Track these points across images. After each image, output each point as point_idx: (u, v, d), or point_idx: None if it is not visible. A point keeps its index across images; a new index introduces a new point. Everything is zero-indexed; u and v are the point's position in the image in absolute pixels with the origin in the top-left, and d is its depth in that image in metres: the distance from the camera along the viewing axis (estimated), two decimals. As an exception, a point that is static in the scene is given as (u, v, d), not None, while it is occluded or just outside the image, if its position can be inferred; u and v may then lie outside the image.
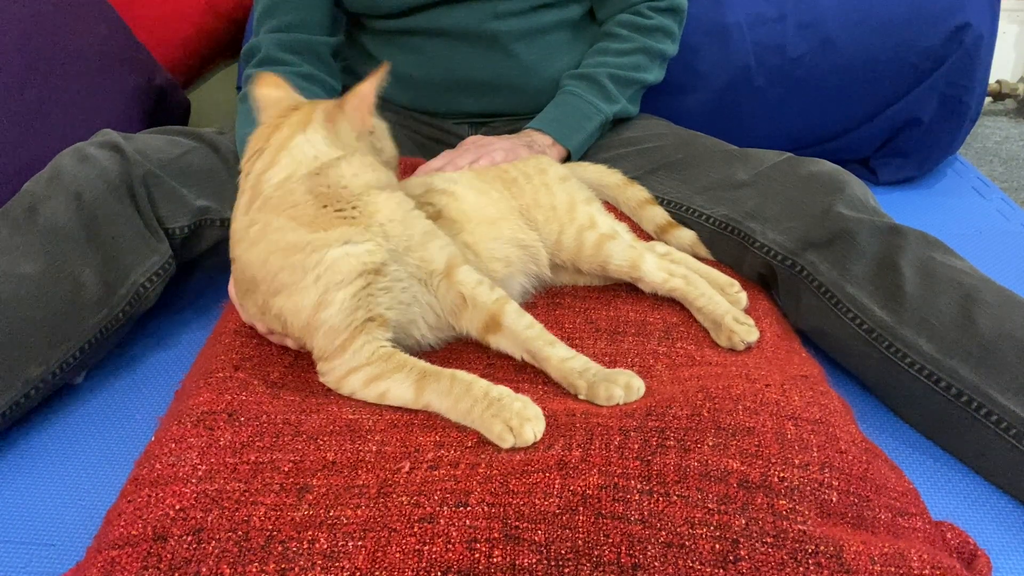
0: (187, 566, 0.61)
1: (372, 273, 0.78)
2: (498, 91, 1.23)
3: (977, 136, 2.13)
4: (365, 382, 0.78)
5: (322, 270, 0.77)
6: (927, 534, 0.68)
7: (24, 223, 0.95)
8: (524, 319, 0.82)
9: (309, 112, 0.81)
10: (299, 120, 0.80)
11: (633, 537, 0.61)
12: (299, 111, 0.82)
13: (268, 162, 0.79)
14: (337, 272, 0.77)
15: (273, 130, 0.81)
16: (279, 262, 0.77)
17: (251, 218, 0.79)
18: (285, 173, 0.78)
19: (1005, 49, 2.31)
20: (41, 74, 1.25)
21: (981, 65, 1.41)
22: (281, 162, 0.79)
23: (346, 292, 0.77)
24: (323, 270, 0.77)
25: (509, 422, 0.70)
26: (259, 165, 0.80)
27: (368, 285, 0.78)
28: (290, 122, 0.80)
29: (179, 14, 1.64)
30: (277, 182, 0.78)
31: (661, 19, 1.24)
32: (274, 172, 0.79)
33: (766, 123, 1.47)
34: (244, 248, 0.80)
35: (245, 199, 0.81)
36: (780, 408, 0.72)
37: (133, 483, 0.69)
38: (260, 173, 0.79)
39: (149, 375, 1.05)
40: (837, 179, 1.00)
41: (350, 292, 0.77)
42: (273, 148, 0.79)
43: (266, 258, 0.78)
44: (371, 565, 0.61)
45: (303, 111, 0.81)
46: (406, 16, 1.18)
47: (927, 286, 0.88)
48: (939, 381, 0.84)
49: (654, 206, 1.09)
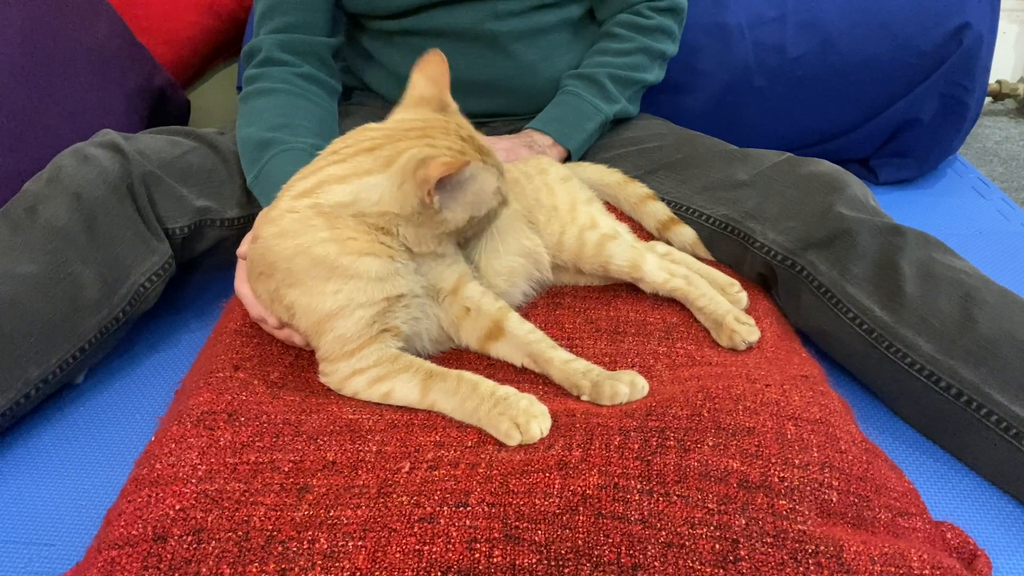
0: (187, 566, 0.61)
1: (395, 298, 0.79)
2: (498, 91, 1.23)
3: (977, 136, 2.13)
4: (369, 383, 0.78)
5: (346, 287, 0.77)
6: (927, 534, 0.68)
7: (24, 223, 0.95)
8: (526, 325, 0.84)
9: (400, 152, 0.76)
10: (387, 157, 0.77)
11: (633, 537, 0.61)
12: (398, 145, 0.77)
13: (340, 176, 0.78)
14: (361, 295, 0.77)
15: (368, 149, 0.78)
16: (304, 265, 0.77)
17: (295, 206, 0.78)
18: (346, 199, 0.77)
19: (1005, 49, 2.30)
20: (41, 74, 1.25)
21: (981, 65, 1.41)
22: (349, 187, 0.77)
23: (366, 312, 0.77)
24: (347, 287, 0.77)
25: (516, 419, 0.70)
26: (332, 171, 0.78)
27: (389, 306, 0.79)
28: (380, 154, 0.77)
29: (179, 14, 1.64)
30: (335, 202, 0.77)
31: (661, 19, 1.24)
32: (338, 190, 0.77)
33: (766, 123, 1.47)
34: (274, 233, 0.79)
35: (301, 187, 0.79)
36: (780, 408, 0.72)
37: (133, 483, 0.69)
38: (327, 180, 0.78)
39: (149, 375, 1.05)
40: (837, 179, 1.00)
41: (370, 312, 0.78)
42: (352, 168, 0.77)
43: (292, 256, 0.78)
44: (371, 565, 0.61)
45: (400, 147, 0.77)
46: (406, 17, 1.18)
47: (927, 286, 0.88)
48: (939, 381, 0.84)
49: (655, 202, 1.09)
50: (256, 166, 1.04)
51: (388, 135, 0.79)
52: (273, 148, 1.02)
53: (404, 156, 0.76)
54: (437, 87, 0.85)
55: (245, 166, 1.07)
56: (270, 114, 1.07)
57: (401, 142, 0.78)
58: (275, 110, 1.08)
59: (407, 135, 0.79)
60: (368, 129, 0.81)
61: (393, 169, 0.76)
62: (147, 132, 1.13)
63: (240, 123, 1.10)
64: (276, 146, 1.03)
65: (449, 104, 0.85)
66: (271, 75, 1.12)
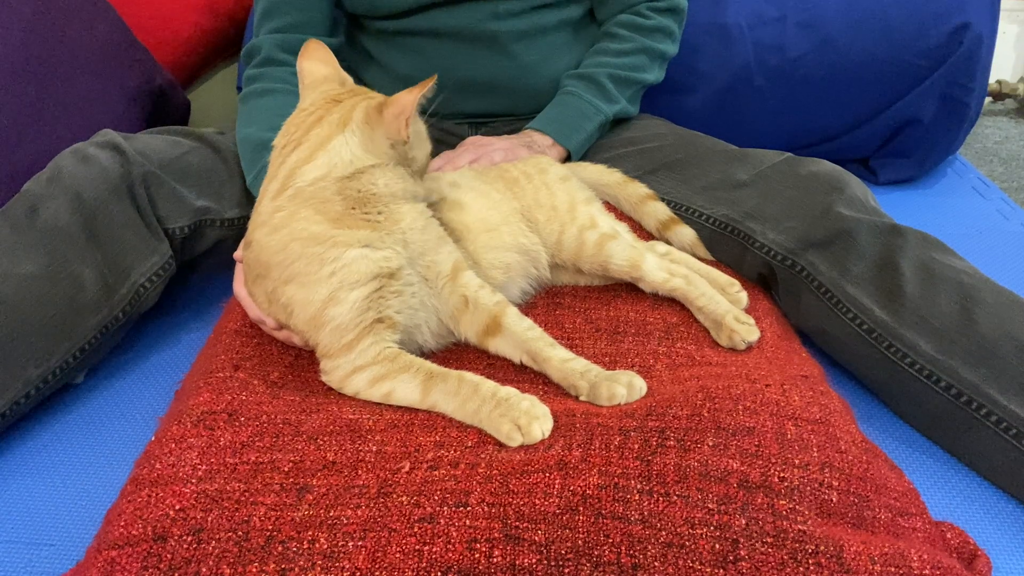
0: (187, 566, 0.61)
1: (387, 277, 0.79)
2: (498, 91, 1.23)
3: (977, 136, 2.13)
4: (370, 382, 0.78)
5: (338, 267, 0.77)
6: (927, 534, 0.68)
7: (24, 223, 0.95)
8: (525, 321, 0.83)
9: (349, 111, 0.80)
10: (339, 119, 0.80)
11: (633, 537, 0.61)
12: (340, 106, 0.81)
13: (305, 157, 0.80)
14: (353, 272, 0.77)
15: (314, 123, 0.81)
16: (298, 250, 0.78)
17: (278, 204, 0.80)
18: (321, 172, 0.79)
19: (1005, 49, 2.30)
20: (41, 74, 1.25)
21: (981, 65, 1.41)
22: (318, 160, 0.79)
23: (359, 292, 0.78)
24: (339, 267, 0.77)
25: (517, 421, 0.70)
26: (296, 157, 0.80)
27: (381, 288, 0.79)
28: (330, 120, 0.80)
29: (179, 14, 1.64)
30: (312, 179, 0.79)
31: (661, 19, 1.24)
32: (310, 168, 0.79)
33: (766, 123, 1.47)
34: (265, 232, 0.80)
35: (276, 185, 0.81)
36: (780, 408, 0.72)
37: (133, 483, 0.69)
38: (296, 166, 0.80)
39: (149, 375, 1.05)
40: (837, 179, 1.00)
41: (363, 293, 0.78)
42: (312, 144, 0.80)
43: (286, 245, 0.78)
44: (371, 565, 0.61)
45: (344, 107, 0.81)
46: (406, 17, 1.19)
47: (927, 286, 0.88)
48: (939, 381, 0.84)
49: (655, 202, 1.09)
50: (256, 166, 1.04)
51: (321, 106, 0.82)
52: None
53: (358, 110, 0.80)
54: (330, 66, 0.89)
55: (245, 166, 1.07)
56: (270, 114, 1.07)
57: (341, 103, 0.81)
58: (275, 110, 1.08)
59: (339, 98, 0.82)
60: (297, 114, 0.84)
61: (353, 124, 0.79)
62: (147, 132, 1.13)
63: (240, 123, 1.10)
64: (276, 146, 1.03)
65: (347, 79, 0.89)
66: (271, 75, 1.12)
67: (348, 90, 0.85)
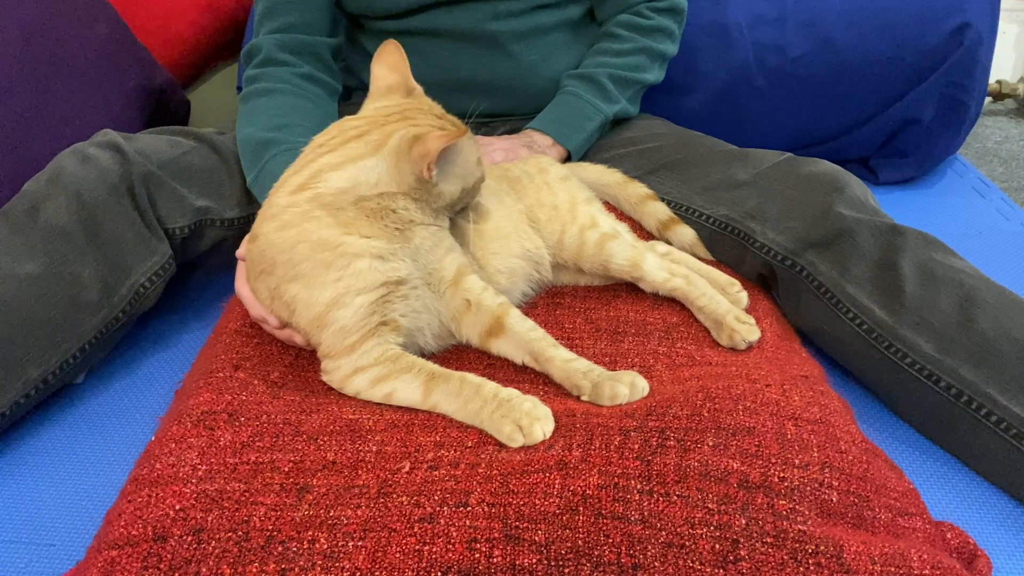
0: (187, 566, 0.61)
1: (394, 284, 0.79)
2: (498, 92, 1.23)
3: (977, 136, 2.13)
4: (371, 382, 0.78)
5: (346, 273, 0.77)
6: (927, 534, 0.68)
7: (24, 223, 0.95)
8: (527, 323, 0.83)
9: (388, 136, 0.79)
10: (377, 141, 0.79)
11: (633, 537, 0.61)
12: (382, 129, 0.80)
13: (336, 164, 0.79)
14: (361, 279, 0.77)
15: (356, 136, 0.80)
16: (306, 252, 0.78)
17: (294, 200, 0.79)
18: (346, 185, 0.78)
19: (1005, 49, 2.30)
20: (41, 74, 1.25)
21: (981, 65, 1.41)
22: (346, 172, 0.78)
23: (365, 298, 0.78)
24: (347, 274, 0.77)
25: (519, 422, 0.70)
26: (327, 160, 0.80)
27: (388, 293, 0.79)
28: (369, 139, 0.79)
29: (179, 14, 1.64)
30: (336, 189, 0.78)
31: (661, 19, 1.24)
32: (336, 177, 0.78)
33: (766, 123, 1.47)
34: (274, 227, 0.80)
35: (298, 180, 0.80)
36: (780, 408, 0.72)
37: (133, 483, 0.69)
38: (324, 169, 0.79)
39: (149, 375, 1.05)
40: (837, 179, 1.00)
41: (369, 299, 0.78)
42: (345, 154, 0.79)
43: (294, 245, 0.78)
44: (371, 565, 0.61)
45: (386, 131, 0.79)
46: (405, 17, 1.18)
47: (927, 286, 0.88)
48: (939, 381, 0.84)
49: (655, 202, 1.09)
50: (256, 166, 1.04)
51: (371, 122, 0.82)
52: (273, 148, 1.03)
53: (394, 137, 0.78)
54: (400, 74, 0.88)
55: (245, 166, 1.07)
56: (270, 114, 1.08)
57: (385, 126, 0.80)
58: (275, 110, 1.08)
59: (388, 119, 0.81)
60: (349, 120, 0.84)
61: (385, 151, 0.78)
62: (147, 132, 1.13)
63: (240, 123, 1.10)
64: (276, 146, 1.03)
65: (415, 88, 0.89)
66: (271, 75, 1.12)
67: (401, 109, 0.83)
